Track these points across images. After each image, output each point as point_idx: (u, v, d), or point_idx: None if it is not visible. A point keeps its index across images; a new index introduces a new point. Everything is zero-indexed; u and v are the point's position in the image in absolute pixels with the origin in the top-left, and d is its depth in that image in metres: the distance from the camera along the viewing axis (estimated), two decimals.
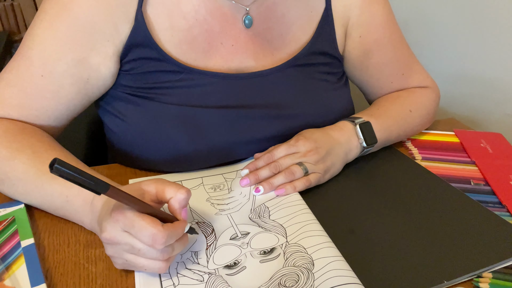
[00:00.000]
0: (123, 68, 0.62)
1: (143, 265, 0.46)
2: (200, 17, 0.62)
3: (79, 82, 0.60)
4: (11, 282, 0.46)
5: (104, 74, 0.61)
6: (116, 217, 0.44)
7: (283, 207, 0.58)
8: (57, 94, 0.60)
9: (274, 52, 0.68)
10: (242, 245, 0.52)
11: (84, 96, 0.62)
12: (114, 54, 0.61)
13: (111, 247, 0.46)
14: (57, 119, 0.63)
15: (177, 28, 0.62)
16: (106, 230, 0.45)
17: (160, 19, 0.61)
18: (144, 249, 0.44)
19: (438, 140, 0.80)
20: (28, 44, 0.59)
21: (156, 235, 0.43)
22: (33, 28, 0.59)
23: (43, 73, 0.59)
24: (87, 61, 0.59)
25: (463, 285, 0.49)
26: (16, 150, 0.56)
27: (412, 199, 0.61)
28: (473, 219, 0.57)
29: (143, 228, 0.43)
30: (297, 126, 0.67)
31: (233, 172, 0.67)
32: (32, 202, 0.57)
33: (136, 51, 0.61)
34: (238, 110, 0.65)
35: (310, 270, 0.47)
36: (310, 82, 0.70)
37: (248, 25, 0.65)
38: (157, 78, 0.62)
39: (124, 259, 0.46)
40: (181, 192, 0.47)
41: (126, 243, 0.44)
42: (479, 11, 1.09)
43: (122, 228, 0.44)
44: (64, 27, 0.58)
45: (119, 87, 0.64)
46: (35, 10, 1.89)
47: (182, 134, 0.62)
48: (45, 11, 0.58)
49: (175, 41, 0.62)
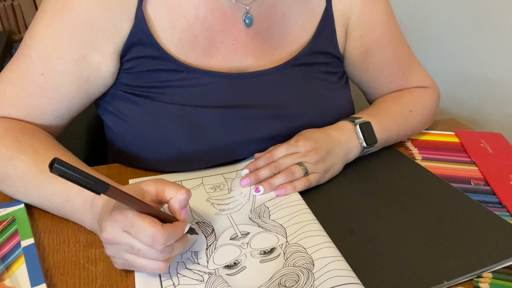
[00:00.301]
0: (123, 67, 0.62)
1: (142, 265, 0.46)
2: (200, 16, 0.62)
3: (79, 81, 0.60)
4: (11, 282, 0.46)
5: (104, 72, 0.61)
6: (116, 217, 0.44)
7: (283, 207, 0.58)
8: (58, 93, 0.60)
9: (275, 52, 0.68)
10: (242, 245, 0.52)
11: (84, 94, 0.62)
12: (114, 53, 0.61)
13: (110, 247, 0.46)
14: (57, 118, 0.63)
15: (177, 26, 0.62)
16: (105, 230, 0.45)
17: (160, 18, 0.61)
18: (143, 249, 0.44)
19: (438, 140, 0.80)
20: (28, 43, 0.59)
21: (156, 235, 0.43)
22: (33, 27, 0.59)
23: (43, 72, 0.59)
24: (87, 60, 0.59)
25: (463, 285, 0.49)
26: (17, 149, 0.56)
27: (412, 199, 0.61)
28: (473, 219, 0.57)
29: (142, 228, 0.43)
30: (298, 126, 0.67)
31: (233, 172, 0.67)
32: (33, 202, 0.57)
33: (136, 49, 0.61)
34: (238, 110, 0.65)
35: (310, 270, 0.47)
36: (310, 82, 0.70)
37: (248, 24, 0.65)
38: (158, 77, 0.62)
39: (124, 259, 0.46)
40: (181, 193, 0.47)
41: (126, 243, 0.44)
42: (479, 11, 1.09)
43: (122, 228, 0.44)
44: (64, 26, 0.58)
45: (119, 86, 0.64)
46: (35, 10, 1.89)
47: (182, 134, 0.62)
48: (45, 10, 0.58)
49: (175, 40, 0.62)
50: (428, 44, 1.23)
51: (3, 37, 1.66)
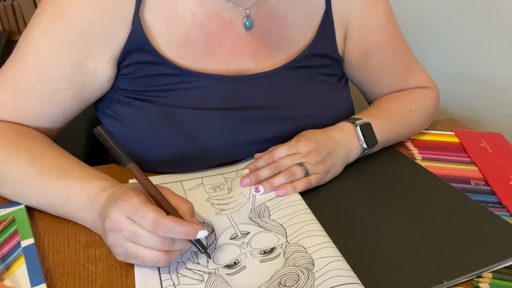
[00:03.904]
0: (121, 72, 0.62)
1: (142, 255, 0.46)
2: (198, 22, 0.62)
3: (76, 87, 0.60)
4: (11, 282, 0.46)
5: (101, 78, 0.61)
6: (121, 203, 0.45)
7: (283, 207, 0.58)
8: (53, 99, 0.60)
9: (274, 54, 0.68)
10: (242, 244, 0.52)
11: (80, 100, 0.62)
12: (111, 59, 0.60)
13: (112, 234, 0.46)
14: (53, 122, 0.62)
15: (174, 32, 0.62)
16: (110, 215, 0.45)
17: (157, 24, 0.61)
18: (145, 236, 0.45)
19: (438, 140, 0.80)
20: (23, 48, 0.59)
21: (157, 220, 0.44)
22: (28, 32, 0.59)
23: (39, 78, 0.58)
24: (84, 66, 0.59)
25: (463, 285, 0.49)
26: (13, 152, 0.56)
27: (412, 199, 0.61)
28: (473, 219, 0.57)
29: (146, 213, 0.44)
30: (297, 128, 0.67)
31: (233, 172, 0.67)
32: (32, 203, 0.57)
33: (133, 55, 0.61)
34: (238, 112, 0.65)
35: (310, 270, 0.47)
36: (310, 84, 0.70)
37: (248, 27, 0.65)
38: (156, 81, 0.62)
39: (124, 248, 0.46)
40: (185, 203, 0.49)
41: (128, 230, 0.45)
42: (479, 11, 1.09)
43: (126, 214, 0.45)
44: (60, 32, 0.57)
45: (117, 90, 0.64)
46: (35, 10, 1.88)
47: (181, 136, 0.62)
48: (41, 16, 0.58)
49: (173, 45, 0.62)
50: (428, 44, 1.23)
51: (3, 37, 1.66)
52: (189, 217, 0.48)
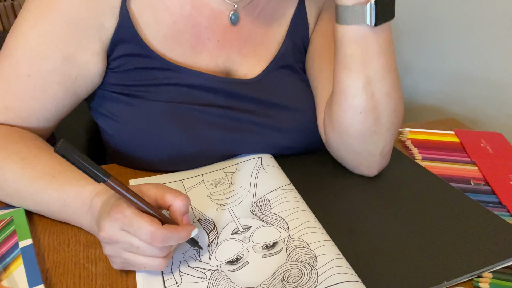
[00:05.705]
0: (110, 66, 0.62)
1: (141, 263, 0.45)
2: (185, 13, 0.62)
3: (67, 81, 0.60)
4: (9, 283, 0.46)
5: (92, 71, 0.60)
6: (115, 216, 0.44)
7: (284, 200, 0.58)
8: (45, 94, 0.59)
9: (256, 48, 0.68)
10: (244, 239, 0.52)
11: (72, 94, 0.61)
12: (101, 51, 0.60)
13: (109, 246, 0.46)
14: (46, 120, 0.62)
15: (161, 23, 0.61)
16: (104, 229, 0.44)
17: (144, 14, 0.60)
18: (143, 246, 0.44)
19: (438, 140, 0.80)
20: (12, 44, 0.58)
21: (155, 233, 0.43)
22: (16, 27, 0.58)
23: (29, 73, 0.58)
24: (74, 59, 0.59)
25: (463, 285, 0.49)
26: (4, 158, 0.55)
27: (412, 199, 0.61)
28: (473, 219, 0.57)
29: (141, 226, 0.43)
30: (294, 123, 0.67)
31: (233, 166, 0.67)
32: (30, 208, 0.56)
33: (122, 47, 0.60)
34: (228, 110, 0.64)
35: (313, 266, 0.47)
36: (297, 80, 0.70)
37: (234, 21, 0.65)
38: (145, 75, 0.62)
39: (122, 258, 0.46)
40: (180, 199, 0.47)
41: (125, 241, 0.44)
42: (480, 11, 1.09)
43: (121, 227, 0.44)
44: (49, 25, 0.56)
45: (107, 86, 0.63)
46: None
47: (175, 131, 0.62)
48: (28, 10, 0.57)
49: (160, 37, 0.62)
50: (428, 44, 1.23)
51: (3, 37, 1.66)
52: (180, 215, 0.48)
